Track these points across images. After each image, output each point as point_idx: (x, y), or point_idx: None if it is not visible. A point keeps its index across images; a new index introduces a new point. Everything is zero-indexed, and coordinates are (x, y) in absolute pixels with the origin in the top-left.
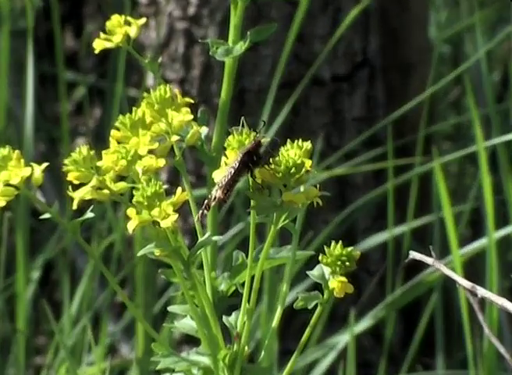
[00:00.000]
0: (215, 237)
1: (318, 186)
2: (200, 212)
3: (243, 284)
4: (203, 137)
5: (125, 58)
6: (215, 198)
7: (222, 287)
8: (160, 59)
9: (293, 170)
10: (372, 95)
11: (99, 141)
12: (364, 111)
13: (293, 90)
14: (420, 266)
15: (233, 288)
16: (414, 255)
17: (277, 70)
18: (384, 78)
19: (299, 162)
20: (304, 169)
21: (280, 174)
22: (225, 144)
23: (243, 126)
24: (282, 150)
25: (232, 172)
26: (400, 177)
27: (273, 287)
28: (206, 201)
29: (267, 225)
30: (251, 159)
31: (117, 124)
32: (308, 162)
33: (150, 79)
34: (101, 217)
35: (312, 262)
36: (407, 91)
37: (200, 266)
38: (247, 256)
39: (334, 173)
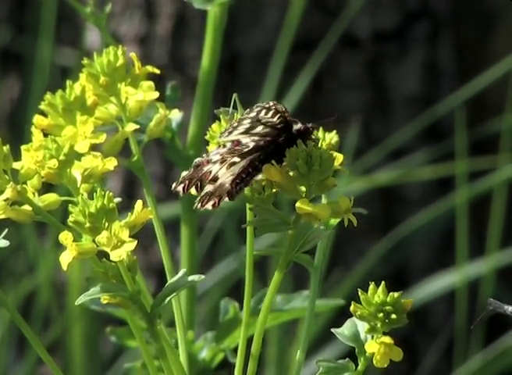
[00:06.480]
0: (193, 277)
1: (351, 198)
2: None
3: (235, 350)
4: (174, 125)
5: (55, 4)
6: (220, 188)
7: (204, 354)
8: (109, 7)
9: (315, 167)
10: (434, 62)
11: (16, 130)
12: (421, 86)
13: (313, 54)
14: (507, 322)
15: (221, 356)
16: (497, 305)
17: (286, 26)
18: (453, 36)
19: (325, 155)
20: (332, 167)
21: (297, 173)
22: (207, 136)
23: (235, 106)
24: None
25: (256, 153)
26: (475, 186)
27: (282, 355)
28: (205, 192)
29: (272, 259)
30: (281, 143)
31: (43, 106)
32: (339, 157)
33: (92, 36)
34: (19, 247)
35: (343, 314)
36: (488, 55)
37: (172, 322)
38: (241, 307)
39: (377, 179)
